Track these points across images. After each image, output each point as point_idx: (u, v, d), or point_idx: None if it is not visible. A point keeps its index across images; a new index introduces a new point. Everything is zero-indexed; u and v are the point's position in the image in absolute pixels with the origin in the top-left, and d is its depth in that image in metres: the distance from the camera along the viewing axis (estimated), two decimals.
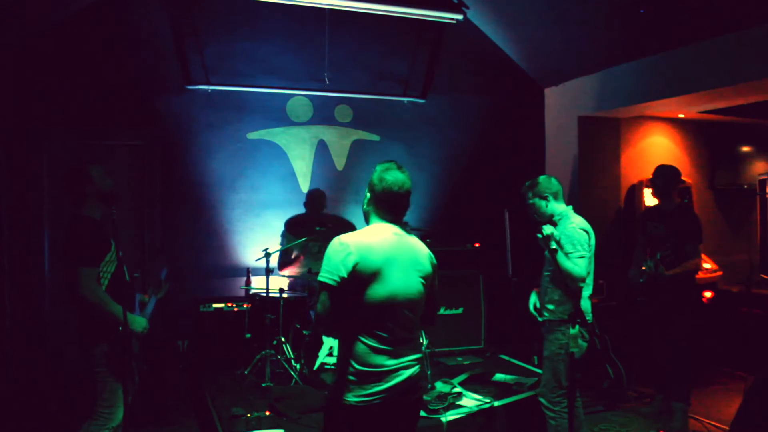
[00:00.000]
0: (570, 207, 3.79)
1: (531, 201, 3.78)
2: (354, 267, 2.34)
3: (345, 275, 2.33)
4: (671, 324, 4.48)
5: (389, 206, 2.50)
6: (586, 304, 3.60)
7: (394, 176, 2.48)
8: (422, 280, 2.50)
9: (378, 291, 2.37)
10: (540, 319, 3.77)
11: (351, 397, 2.35)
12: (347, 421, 2.37)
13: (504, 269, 6.00)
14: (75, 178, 3.18)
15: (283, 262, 5.55)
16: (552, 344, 3.62)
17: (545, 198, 3.74)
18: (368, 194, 2.54)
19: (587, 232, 3.61)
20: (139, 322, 3.19)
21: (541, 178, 3.81)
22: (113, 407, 3.09)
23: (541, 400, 3.66)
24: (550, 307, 3.67)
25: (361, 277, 2.35)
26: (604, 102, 6.00)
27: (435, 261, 2.60)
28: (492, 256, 6.10)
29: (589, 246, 3.60)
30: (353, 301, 2.37)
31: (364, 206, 2.58)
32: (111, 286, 3.10)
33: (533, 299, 3.94)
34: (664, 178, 4.55)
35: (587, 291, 3.64)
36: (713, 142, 7.02)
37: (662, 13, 4.87)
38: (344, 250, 2.36)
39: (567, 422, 3.51)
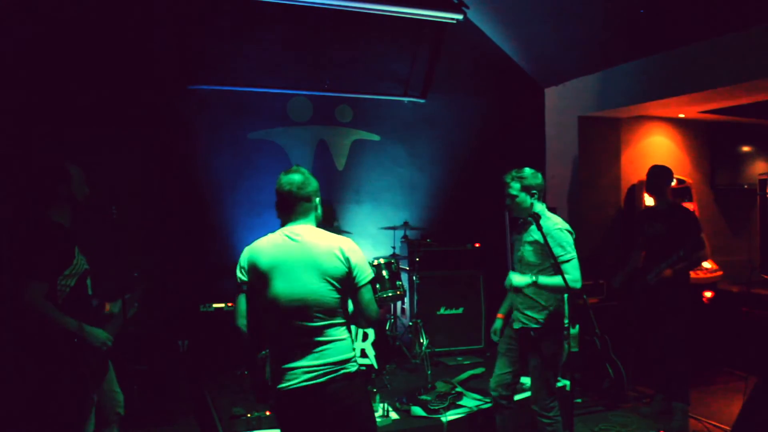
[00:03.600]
0: (544, 205, 3.60)
1: (514, 192, 3.53)
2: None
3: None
4: (666, 323, 4.49)
5: (279, 206, 2.60)
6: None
7: (281, 177, 2.59)
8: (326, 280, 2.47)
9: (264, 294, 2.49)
10: (517, 325, 3.60)
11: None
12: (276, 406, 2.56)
13: (504, 269, 5.99)
14: (49, 176, 2.90)
15: None
16: (540, 352, 3.48)
17: (532, 194, 3.52)
18: None
19: (570, 232, 3.48)
20: (97, 334, 2.91)
21: (530, 171, 3.56)
22: (79, 422, 2.91)
23: (535, 408, 3.56)
24: (535, 315, 3.50)
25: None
26: (605, 102, 6.00)
27: (346, 251, 2.49)
28: (492, 256, 6.10)
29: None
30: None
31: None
32: (68, 301, 2.87)
33: (497, 324, 3.84)
34: (656, 177, 4.62)
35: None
36: (713, 142, 7.02)
37: (662, 13, 4.87)
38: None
39: (561, 424, 3.49)
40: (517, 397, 4.47)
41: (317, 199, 2.62)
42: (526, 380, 4.74)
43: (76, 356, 2.85)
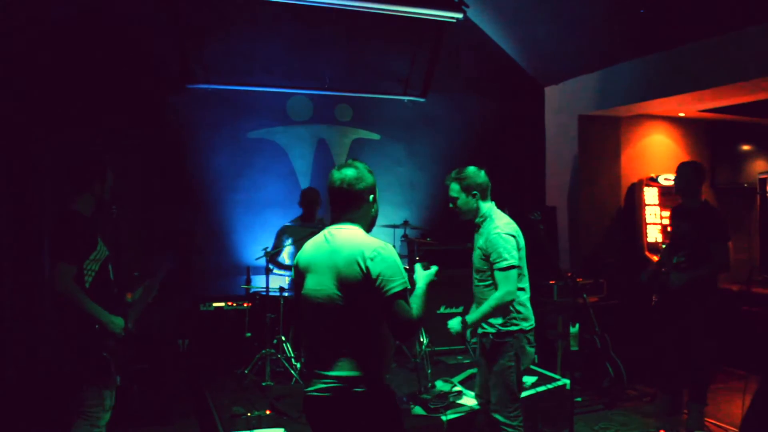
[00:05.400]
0: (493, 204, 3.44)
1: (454, 194, 3.39)
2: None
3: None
4: (688, 325, 4.39)
5: (330, 203, 2.46)
6: (529, 309, 3.38)
7: (333, 172, 2.45)
8: (336, 284, 2.27)
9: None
10: (480, 330, 3.42)
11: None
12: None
13: None
14: (90, 172, 3.11)
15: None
16: (501, 357, 3.30)
17: (473, 194, 3.36)
18: None
19: (514, 236, 3.28)
20: (117, 321, 3.07)
21: (471, 169, 3.41)
22: (97, 406, 3.04)
23: (497, 417, 3.32)
24: (492, 320, 3.32)
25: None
26: (605, 101, 6.00)
27: (368, 259, 2.22)
28: None
29: (519, 249, 3.30)
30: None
31: None
32: (94, 285, 3.05)
33: (456, 324, 3.41)
34: (686, 176, 4.40)
35: (526, 295, 3.38)
36: (713, 140, 7.02)
37: (662, 13, 4.87)
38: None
39: None
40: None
41: (371, 197, 2.42)
42: (528, 379, 4.76)
43: (98, 341, 3.01)
